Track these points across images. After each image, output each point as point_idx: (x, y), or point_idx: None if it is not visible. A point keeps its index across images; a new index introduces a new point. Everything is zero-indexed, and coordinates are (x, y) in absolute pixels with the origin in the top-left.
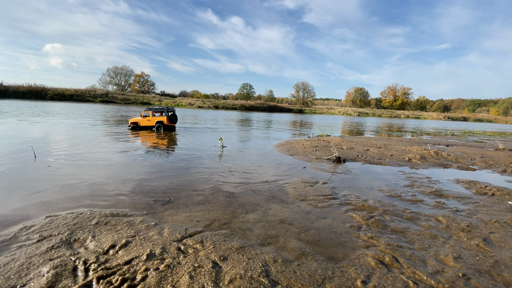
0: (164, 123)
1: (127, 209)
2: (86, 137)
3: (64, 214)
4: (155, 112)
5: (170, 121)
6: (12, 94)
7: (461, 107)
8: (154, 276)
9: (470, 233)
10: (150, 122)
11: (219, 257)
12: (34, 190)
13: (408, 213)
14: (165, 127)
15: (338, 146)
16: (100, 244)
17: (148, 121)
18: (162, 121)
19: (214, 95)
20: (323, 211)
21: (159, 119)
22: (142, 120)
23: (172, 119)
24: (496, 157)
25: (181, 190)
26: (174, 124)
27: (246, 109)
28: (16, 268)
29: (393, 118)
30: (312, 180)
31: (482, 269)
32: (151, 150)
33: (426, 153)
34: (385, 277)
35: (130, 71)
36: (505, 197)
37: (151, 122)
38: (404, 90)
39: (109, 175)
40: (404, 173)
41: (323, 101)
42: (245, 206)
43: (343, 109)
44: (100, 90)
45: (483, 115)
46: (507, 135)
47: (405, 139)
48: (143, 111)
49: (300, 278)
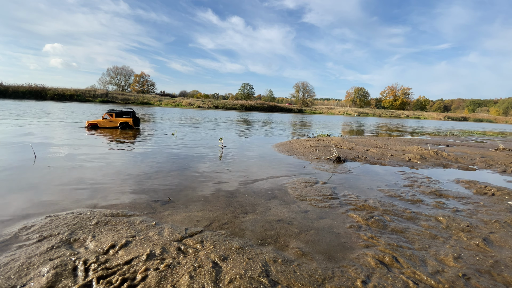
0: (129, 123)
1: (127, 209)
2: (86, 137)
3: (64, 214)
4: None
5: (134, 124)
6: (12, 94)
7: (461, 107)
8: (154, 276)
9: (470, 233)
10: (113, 124)
11: (219, 257)
12: (34, 190)
13: (408, 213)
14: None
15: (338, 146)
16: (100, 244)
17: (111, 123)
18: (127, 122)
19: (214, 95)
20: (323, 211)
21: (124, 120)
22: (102, 122)
23: (137, 122)
24: (496, 157)
25: (181, 190)
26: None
27: (246, 109)
28: (16, 268)
29: (393, 118)
30: (312, 180)
31: (482, 269)
32: (151, 150)
33: (426, 153)
34: (385, 277)
35: (130, 71)
36: (505, 197)
37: (113, 124)
38: (404, 90)
39: (109, 175)
40: (404, 173)
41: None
42: (245, 206)
43: (343, 109)
44: (100, 90)
45: (483, 115)
46: (507, 135)
47: (405, 139)
48: (104, 114)
49: (300, 278)
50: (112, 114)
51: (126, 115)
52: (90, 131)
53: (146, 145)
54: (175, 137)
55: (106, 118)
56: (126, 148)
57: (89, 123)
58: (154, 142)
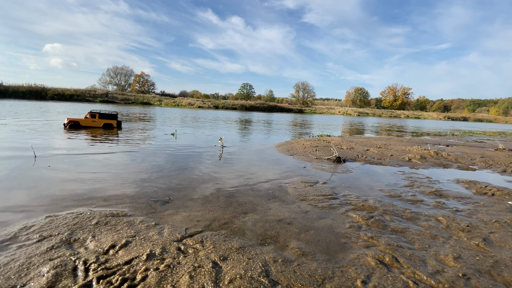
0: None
1: (127, 209)
2: (86, 137)
3: (64, 214)
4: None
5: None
6: (12, 94)
7: (461, 107)
8: (154, 276)
9: (470, 233)
10: (96, 123)
11: (219, 257)
12: (34, 190)
13: (408, 213)
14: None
15: (338, 146)
16: (100, 244)
17: (93, 122)
18: (111, 124)
19: (214, 95)
20: (323, 211)
21: (108, 122)
22: (85, 121)
23: (119, 125)
24: (496, 157)
25: (181, 190)
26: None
27: (246, 109)
28: (16, 268)
29: (393, 118)
30: (312, 180)
31: (482, 269)
32: (151, 150)
33: (426, 153)
34: (385, 277)
35: (130, 71)
36: (505, 197)
37: (96, 123)
38: (404, 90)
39: (109, 175)
40: (404, 173)
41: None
42: (245, 206)
43: (343, 109)
44: (100, 90)
45: (483, 115)
46: (507, 135)
47: (405, 139)
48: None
49: (300, 278)
50: (96, 114)
51: (111, 117)
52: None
53: (146, 145)
54: (175, 137)
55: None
56: (126, 148)
57: (70, 121)
58: (154, 142)
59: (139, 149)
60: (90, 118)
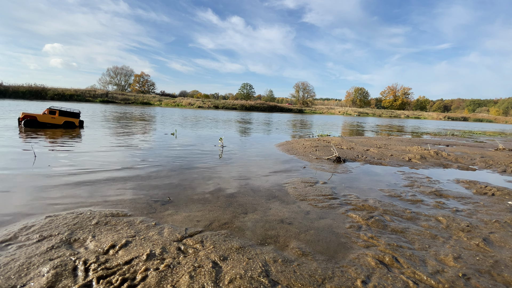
0: (76, 124)
1: (127, 209)
2: (86, 137)
3: (64, 214)
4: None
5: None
6: (12, 94)
7: (461, 107)
8: (154, 276)
9: (470, 233)
10: (55, 121)
11: (219, 257)
12: (34, 190)
13: (408, 213)
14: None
15: (338, 146)
16: (100, 244)
17: (53, 119)
18: (73, 122)
19: (214, 95)
20: (323, 211)
21: (70, 120)
22: (43, 117)
23: (81, 124)
24: (496, 157)
25: (181, 190)
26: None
27: (246, 109)
28: (16, 268)
29: (393, 118)
30: (312, 180)
31: (482, 269)
32: (151, 149)
33: (426, 153)
34: (385, 277)
35: (130, 71)
36: (505, 197)
37: (56, 121)
38: (404, 90)
39: (109, 174)
40: (404, 173)
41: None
42: (245, 206)
43: (343, 109)
44: (100, 90)
45: (483, 115)
46: (507, 135)
47: (405, 139)
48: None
49: (300, 278)
50: (56, 111)
51: (73, 115)
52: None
53: (146, 144)
54: (175, 137)
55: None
56: (125, 147)
57: (25, 116)
58: (154, 142)
59: (139, 148)
60: (49, 114)
